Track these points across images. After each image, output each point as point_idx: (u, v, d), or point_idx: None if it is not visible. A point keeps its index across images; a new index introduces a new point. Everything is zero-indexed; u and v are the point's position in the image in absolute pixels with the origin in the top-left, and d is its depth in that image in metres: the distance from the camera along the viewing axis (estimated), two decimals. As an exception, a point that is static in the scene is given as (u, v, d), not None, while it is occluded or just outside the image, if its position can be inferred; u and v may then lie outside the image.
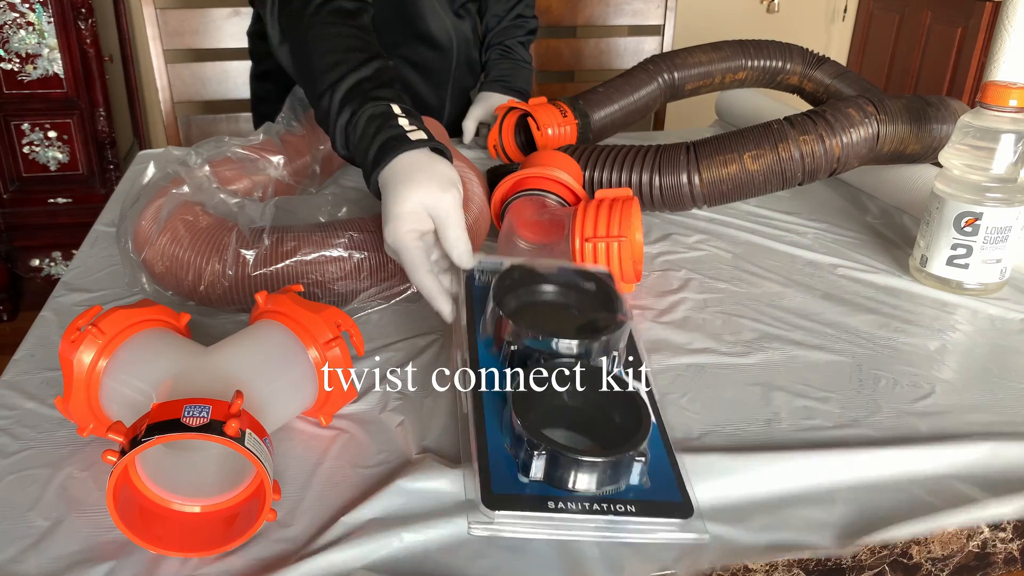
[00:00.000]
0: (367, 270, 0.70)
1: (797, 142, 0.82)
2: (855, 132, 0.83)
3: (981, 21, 2.35)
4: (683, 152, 0.86)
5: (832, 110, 0.84)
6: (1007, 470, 0.53)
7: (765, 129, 0.84)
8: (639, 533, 0.46)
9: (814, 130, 0.83)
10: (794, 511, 0.49)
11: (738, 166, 0.83)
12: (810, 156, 0.82)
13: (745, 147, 0.84)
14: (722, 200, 0.87)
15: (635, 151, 0.89)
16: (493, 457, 0.48)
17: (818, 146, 0.82)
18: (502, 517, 0.45)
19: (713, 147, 0.85)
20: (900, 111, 0.85)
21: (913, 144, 0.87)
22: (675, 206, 0.89)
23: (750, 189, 0.85)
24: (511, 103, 1.11)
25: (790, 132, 0.83)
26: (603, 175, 0.89)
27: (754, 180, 0.84)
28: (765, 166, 0.83)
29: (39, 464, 0.52)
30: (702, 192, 0.85)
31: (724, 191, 0.85)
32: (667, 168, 0.85)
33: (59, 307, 0.73)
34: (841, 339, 0.70)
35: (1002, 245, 0.75)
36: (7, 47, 2.01)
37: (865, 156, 0.85)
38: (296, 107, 1.05)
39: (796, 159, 0.82)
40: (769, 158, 0.83)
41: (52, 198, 2.17)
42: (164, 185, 0.73)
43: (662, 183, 0.86)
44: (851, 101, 0.85)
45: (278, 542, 0.46)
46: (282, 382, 0.52)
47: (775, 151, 0.82)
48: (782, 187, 0.86)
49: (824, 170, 0.84)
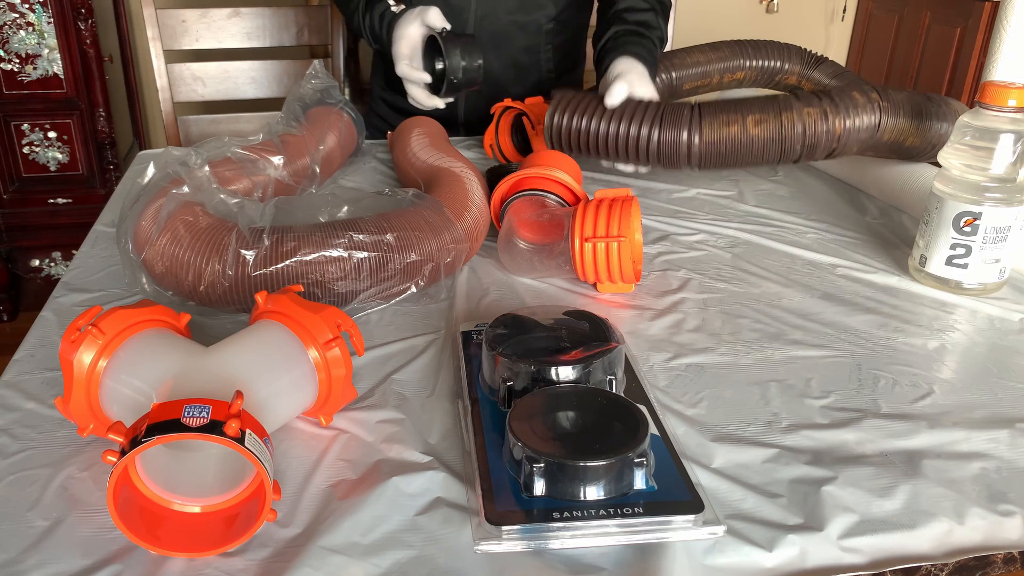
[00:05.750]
0: (367, 270, 0.70)
1: (801, 114, 0.83)
2: (858, 116, 0.83)
3: (980, 21, 2.35)
4: (688, 109, 0.87)
5: (838, 92, 0.84)
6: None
7: (771, 98, 0.85)
8: (652, 533, 0.46)
9: (819, 105, 0.83)
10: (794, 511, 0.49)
11: (740, 128, 0.84)
12: (812, 130, 0.83)
13: (750, 111, 0.84)
14: (717, 163, 0.87)
15: (638, 103, 0.89)
16: (496, 480, 0.48)
17: (821, 122, 0.83)
18: (508, 533, 0.45)
19: (718, 108, 0.86)
20: (903, 103, 0.86)
21: (912, 137, 0.87)
22: (670, 163, 0.89)
23: (747, 155, 0.85)
24: (507, 102, 1.11)
25: (795, 104, 0.84)
26: (604, 125, 0.89)
27: (753, 145, 0.84)
28: (766, 133, 0.84)
29: (39, 464, 0.52)
30: (700, 150, 0.86)
31: (721, 152, 0.86)
32: (669, 123, 0.86)
33: (59, 307, 0.73)
34: (840, 339, 0.70)
35: (1001, 245, 0.75)
36: (7, 47, 2.01)
37: (865, 142, 0.85)
38: (296, 107, 1.05)
39: (798, 131, 0.83)
40: (771, 125, 0.83)
41: (52, 198, 2.17)
42: (164, 185, 0.73)
43: (661, 137, 0.86)
44: (856, 86, 0.85)
45: (278, 542, 0.46)
46: (282, 382, 0.52)
47: (778, 119, 0.83)
48: (778, 159, 0.86)
49: (823, 148, 0.84)
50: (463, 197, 0.81)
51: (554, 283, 0.79)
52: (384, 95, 1.38)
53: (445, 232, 0.75)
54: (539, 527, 0.45)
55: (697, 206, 1.01)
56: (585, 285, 0.79)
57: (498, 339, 0.59)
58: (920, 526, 0.48)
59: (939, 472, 0.52)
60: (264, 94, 1.72)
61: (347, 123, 1.09)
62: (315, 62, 1.16)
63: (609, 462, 0.46)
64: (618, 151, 0.91)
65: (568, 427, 0.50)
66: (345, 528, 0.47)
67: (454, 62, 1.05)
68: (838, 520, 0.48)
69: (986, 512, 0.49)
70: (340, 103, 1.10)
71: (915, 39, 2.66)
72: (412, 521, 0.48)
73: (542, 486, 0.47)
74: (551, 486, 0.47)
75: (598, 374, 0.56)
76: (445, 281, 0.77)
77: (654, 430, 0.53)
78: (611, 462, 0.46)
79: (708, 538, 0.46)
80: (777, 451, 0.54)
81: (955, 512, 0.49)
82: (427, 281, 0.74)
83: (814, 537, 0.47)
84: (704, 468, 0.52)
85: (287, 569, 0.44)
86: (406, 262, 0.71)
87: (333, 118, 1.06)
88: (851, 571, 0.46)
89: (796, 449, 0.55)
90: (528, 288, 0.78)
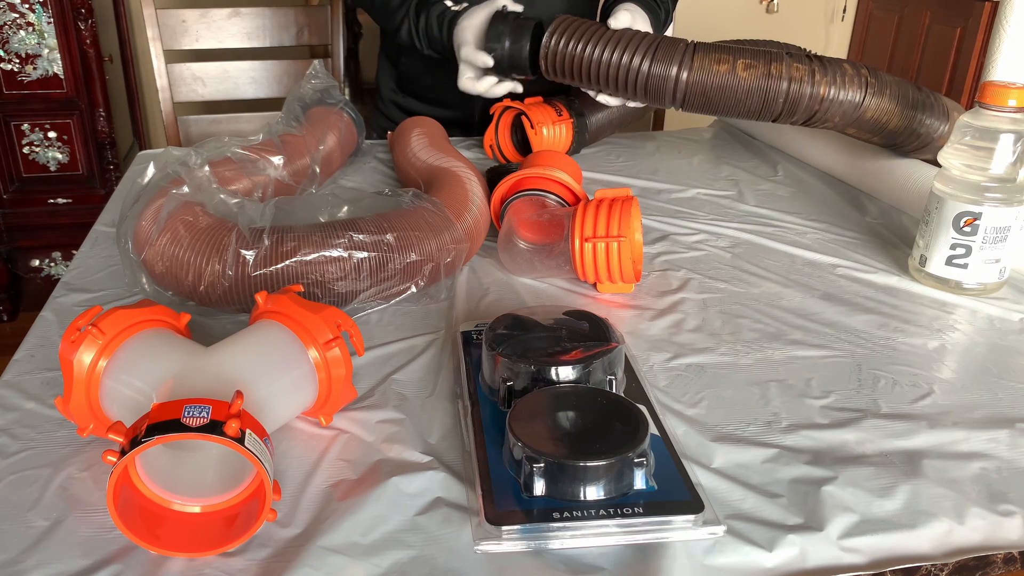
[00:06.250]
0: (367, 270, 0.70)
1: (790, 67, 0.84)
2: (844, 86, 0.85)
3: (980, 21, 2.35)
4: (684, 43, 0.88)
5: (830, 60, 0.86)
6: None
7: (765, 50, 0.87)
8: (652, 533, 0.46)
9: (807, 65, 0.85)
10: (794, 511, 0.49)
11: (729, 68, 0.85)
12: (797, 86, 0.84)
13: (742, 55, 0.86)
14: (700, 104, 0.88)
15: (636, 33, 0.91)
16: (496, 480, 0.48)
17: (807, 81, 0.84)
18: (508, 533, 0.45)
19: (714, 47, 0.87)
20: (891, 84, 0.88)
21: (896, 120, 0.88)
22: (654, 98, 0.91)
23: (731, 99, 0.87)
24: (506, 102, 1.11)
25: (786, 58, 0.85)
26: (599, 52, 0.90)
27: (738, 89, 0.86)
28: (753, 79, 0.85)
29: (39, 464, 0.52)
30: (685, 88, 0.87)
31: (707, 92, 0.87)
32: (661, 56, 0.87)
33: (59, 307, 0.73)
34: (840, 339, 0.70)
35: (1001, 245, 0.75)
36: (7, 47, 2.01)
37: (848, 115, 0.86)
38: (296, 107, 1.05)
39: (783, 85, 0.85)
40: (759, 71, 0.85)
41: (52, 198, 2.17)
42: (164, 185, 0.73)
43: (651, 70, 0.87)
44: (847, 60, 0.87)
45: (278, 542, 0.46)
46: (282, 382, 0.52)
47: (767, 67, 0.85)
48: (760, 110, 0.87)
49: (803, 110, 0.86)
50: (463, 197, 0.81)
51: (554, 283, 0.79)
52: (395, 98, 1.37)
53: (445, 232, 0.75)
54: (539, 527, 0.45)
55: (697, 206, 1.01)
56: (585, 285, 0.79)
57: (498, 339, 0.59)
58: (920, 526, 0.48)
59: (939, 472, 0.52)
60: (264, 94, 1.72)
61: (347, 123, 1.09)
62: (315, 62, 1.16)
63: (609, 462, 0.46)
64: (608, 81, 0.92)
65: (568, 427, 0.50)
66: (345, 528, 0.47)
67: (493, 40, 1.01)
68: (838, 520, 0.48)
69: (986, 512, 0.49)
70: (340, 103, 1.10)
71: (915, 39, 2.66)
72: (412, 521, 0.48)
73: (542, 486, 0.47)
74: (551, 486, 0.47)
75: (598, 374, 0.56)
76: (445, 281, 0.77)
77: (654, 430, 0.53)
78: (611, 462, 0.46)
79: (708, 538, 0.46)
80: (777, 451, 0.54)
81: (955, 512, 0.49)
82: (427, 281, 0.74)
83: (814, 537, 0.47)
84: (704, 468, 0.52)
85: (287, 569, 0.44)
86: (406, 262, 0.71)
87: (333, 118, 1.06)
88: (851, 571, 0.46)
89: (796, 449, 0.55)
90: (528, 288, 0.78)
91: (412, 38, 1.15)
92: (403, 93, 1.34)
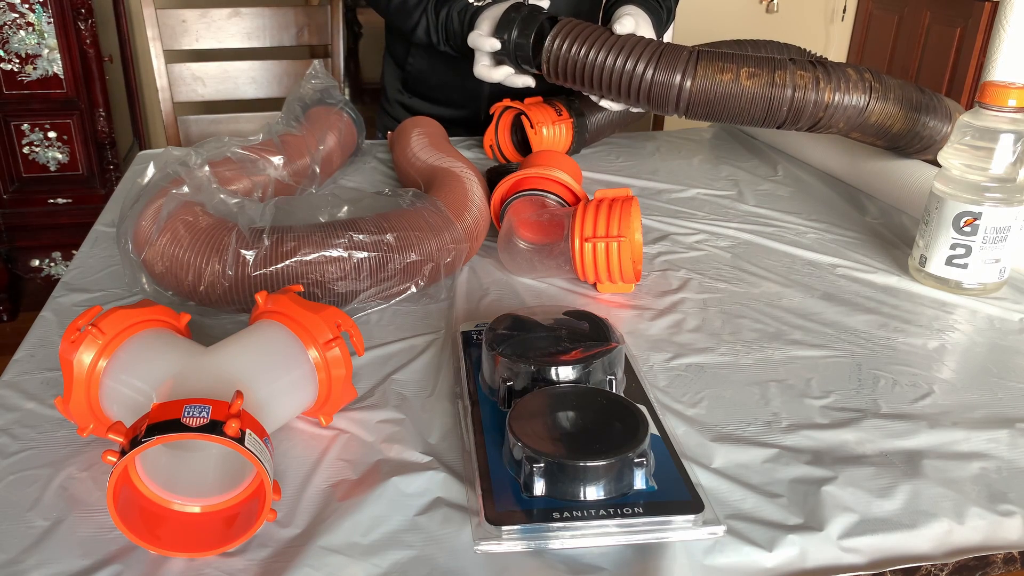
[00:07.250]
0: (367, 270, 0.70)
1: (794, 75, 0.84)
2: (849, 91, 0.85)
3: (980, 21, 2.35)
4: (687, 51, 0.88)
5: (833, 65, 0.85)
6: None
7: (769, 57, 0.87)
8: (652, 533, 0.46)
9: (811, 71, 0.84)
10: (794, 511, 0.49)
11: (732, 77, 0.85)
12: (801, 93, 0.84)
13: (746, 63, 0.86)
14: (704, 111, 0.88)
15: (640, 39, 0.90)
16: (496, 480, 0.48)
17: (811, 88, 0.84)
18: (509, 533, 0.45)
19: (716, 55, 0.87)
20: (895, 88, 0.87)
21: (900, 124, 0.88)
22: (657, 106, 0.90)
23: (735, 107, 0.86)
24: (506, 102, 1.11)
25: (790, 65, 0.85)
26: (602, 56, 0.90)
27: (742, 97, 0.85)
28: (757, 87, 0.84)
29: (39, 464, 0.52)
30: (689, 96, 0.86)
31: (710, 100, 0.86)
32: (665, 64, 0.87)
33: (59, 307, 0.73)
34: (840, 339, 0.70)
35: (1001, 245, 0.75)
36: (7, 47, 2.01)
37: (852, 120, 0.86)
38: (296, 107, 1.05)
39: (787, 92, 0.84)
40: (764, 80, 0.84)
41: (52, 198, 2.17)
42: (164, 185, 0.73)
43: (654, 77, 0.87)
44: (851, 64, 0.86)
45: (278, 542, 0.46)
46: (282, 382, 0.52)
47: (771, 75, 0.84)
48: (764, 118, 0.87)
49: (808, 116, 0.85)
50: (463, 197, 0.81)
51: (554, 283, 0.79)
52: (401, 98, 1.37)
53: (445, 232, 0.75)
54: (539, 527, 0.45)
55: (697, 206, 1.01)
56: (585, 285, 0.79)
57: (498, 339, 0.59)
58: (920, 526, 0.48)
59: (939, 472, 0.52)
60: (264, 94, 1.72)
61: (347, 123, 1.09)
62: (315, 62, 1.16)
63: (609, 462, 0.46)
64: (610, 87, 0.92)
65: (568, 427, 0.50)
66: (345, 528, 0.47)
67: (503, 27, 1.00)
68: (838, 520, 0.48)
69: (986, 512, 0.49)
70: (340, 103, 1.10)
71: (915, 39, 2.66)
72: (412, 521, 0.48)
73: (542, 486, 0.47)
74: (551, 486, 0.47)
75: (598, 374, 0.56)
76: (445, 281, 0.77)
77: (654, 430, 0.53)
78: (611, 462, 0.46)
79: (708, 538, 0.46)
80: (777, 451, 0.54)
81: (955, 512, 0.49)
82: (427, 281, 0.74)
83: (814, 537, 0.47)
84: (704, 468, 0.52)
85: (287, 569, 0.44)
86: (406, 262, 0.71)
87: (333, 118, 1.06)
88: (851, 571, 0.46)
89: (796, 449, 0.55)
90: (528, 288, 0.78)
91: (429, 35, 1.15)
92: (409, 93, 1.35)
